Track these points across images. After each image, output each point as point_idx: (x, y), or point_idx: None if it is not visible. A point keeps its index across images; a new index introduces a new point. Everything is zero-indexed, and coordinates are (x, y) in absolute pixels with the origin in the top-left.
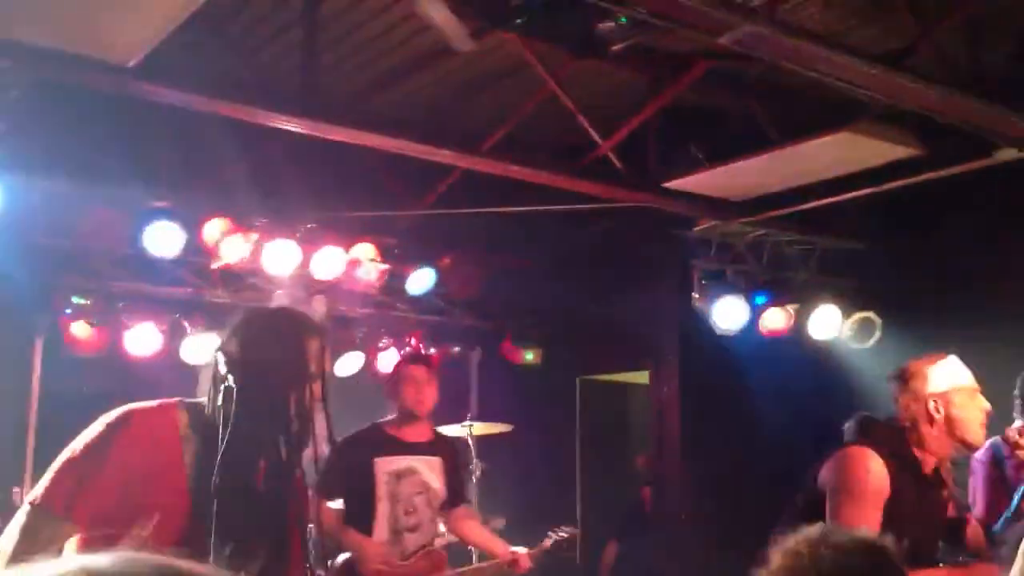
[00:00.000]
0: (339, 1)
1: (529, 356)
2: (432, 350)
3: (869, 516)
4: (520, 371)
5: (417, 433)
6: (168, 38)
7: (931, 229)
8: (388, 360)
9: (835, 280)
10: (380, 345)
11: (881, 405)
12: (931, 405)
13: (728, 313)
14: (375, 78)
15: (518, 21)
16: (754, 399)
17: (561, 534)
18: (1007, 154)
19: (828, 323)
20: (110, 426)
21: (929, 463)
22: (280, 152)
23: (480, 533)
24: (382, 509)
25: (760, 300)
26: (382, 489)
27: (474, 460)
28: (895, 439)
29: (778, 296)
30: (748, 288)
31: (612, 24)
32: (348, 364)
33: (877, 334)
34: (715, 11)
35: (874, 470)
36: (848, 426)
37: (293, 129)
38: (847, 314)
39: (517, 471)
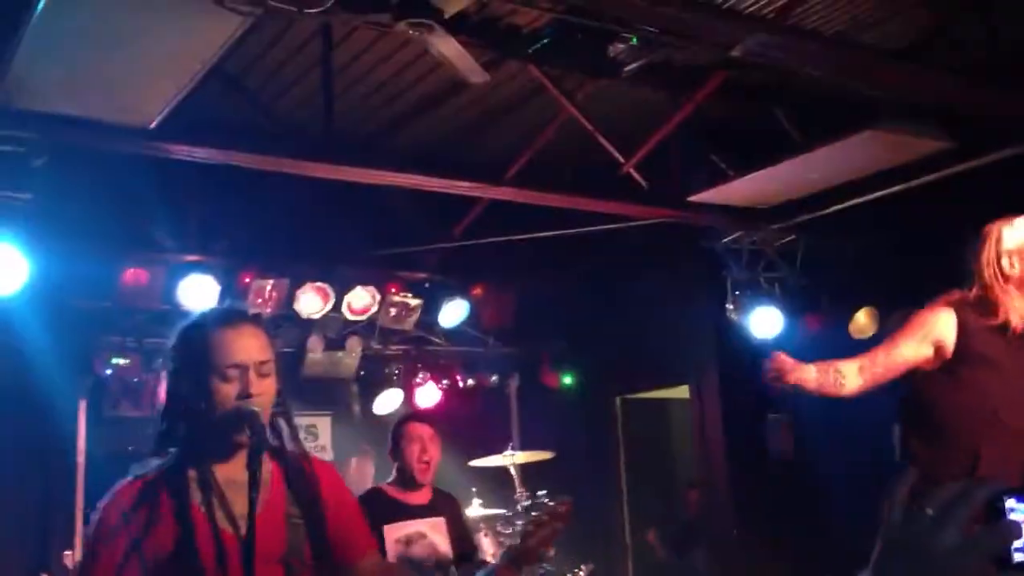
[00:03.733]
0: (353, 46)
1: (567, 379)
2: (470, 381)
3: (908, 339)
4: (559, 395)
5: (420, 495)
6: (187, 95)
7: (959, 219)
8: (427, 395)
9: (870, 280)
10: (417, 380)
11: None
12: (1004, 262)
13: (764, 322)
14: (393, 117)
15: (530, 50)
16: (798, 406)
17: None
18: None
19: (867, 324)
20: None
21: (1016, 323)
22: (307, 197)
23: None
24: None
25: (796, 307)
26: (393, 559)
27: (518, 490)
28: (975, 300)
29: (813, 301)
30: (783, 295)
31: (623, 46)
32: (387, 401)
33: None
34: (723, 24)
35: (937, 312)
36: None
37: (316, 175)
38: (885, 313)
39: (564, 497)
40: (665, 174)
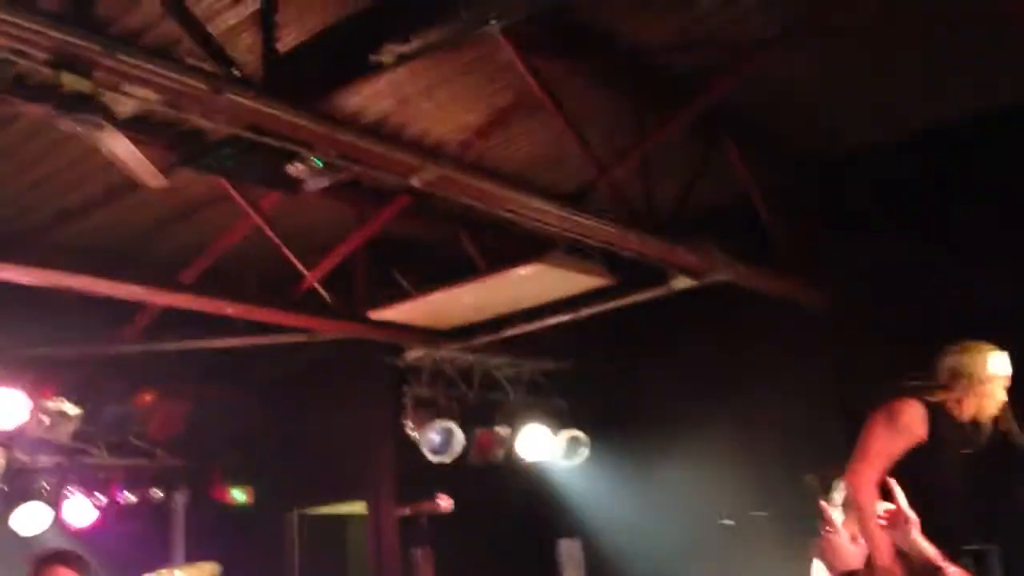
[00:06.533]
0: (14, 133)
1: (239, 494)
2: (132, 496)
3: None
4: (232, 510)
5: None
6: None
7: (629, 348)
8: (79, 513)
9: (543, 401)
10: (67, 494)
11: (593, 519)
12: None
13: (441, 439)
14: (58, 212)
15: (210, 160)
16: (471, 526)
17: None
18: (681, 283)
19: (538, 444)
20: None
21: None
22: None
23: None
24: None
25: (471, 425)
26: None
27: None
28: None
29: (489, 419)
30: (460, 413)
31: (303, 166)
32: (28, 520)
33: (585, 451)
34: (403, 155)
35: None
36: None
37: None
38: (556, 434)
39: None
40: (349, 289)
